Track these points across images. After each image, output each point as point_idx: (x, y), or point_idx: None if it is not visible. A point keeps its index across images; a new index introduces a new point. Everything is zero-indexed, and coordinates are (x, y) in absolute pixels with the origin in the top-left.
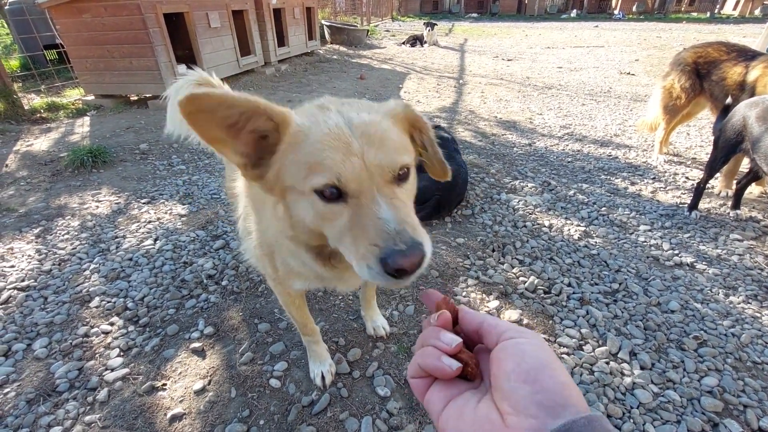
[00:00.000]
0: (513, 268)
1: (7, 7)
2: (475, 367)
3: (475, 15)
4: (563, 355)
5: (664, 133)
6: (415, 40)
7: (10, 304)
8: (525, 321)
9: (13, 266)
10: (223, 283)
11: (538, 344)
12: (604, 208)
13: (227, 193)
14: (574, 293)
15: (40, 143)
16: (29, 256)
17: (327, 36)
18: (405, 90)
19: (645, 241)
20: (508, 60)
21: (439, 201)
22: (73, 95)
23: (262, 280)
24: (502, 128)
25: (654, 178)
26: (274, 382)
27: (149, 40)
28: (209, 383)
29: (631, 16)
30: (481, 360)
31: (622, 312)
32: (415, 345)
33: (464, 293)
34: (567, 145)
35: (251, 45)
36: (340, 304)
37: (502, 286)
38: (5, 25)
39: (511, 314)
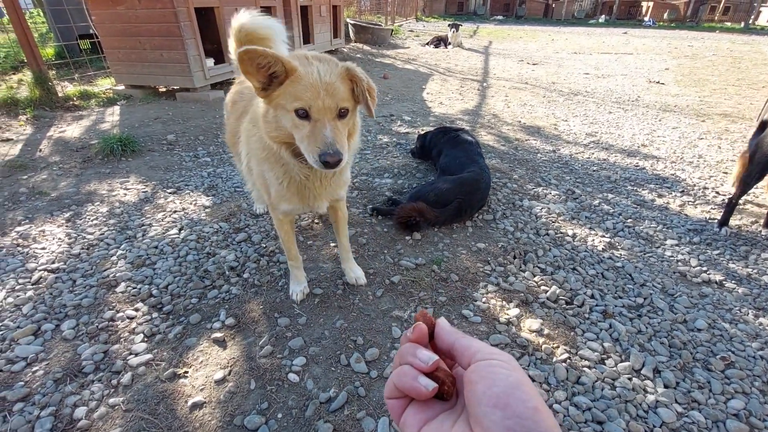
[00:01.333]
0: (534, 276)
1: None
2: (452, 385)
3: (500, 17)
4: (584, 369)
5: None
6: (439, 41)
7: (40, 285)
8: (546, 331)
9: (44, 248)
10: (245, 275)
11: (511, 367)
12: (629, 220)
13: (228, 145)
14: (597, 305)
15: (72, 130)
16: (59, 239)
17: (351, 34)
18: (428, 91)
19: (672, 256)
20: (533, 64)
21: (460, 204)
22: (104, 84)
23: (283, 275)
24: (525, 133)
25: (683, 192)
26: (292, 377)
27: (180, 33)
28: (229, 374)
29: (661, 23)
30: (456, 378)
31: (647, 327)
32: (393, 362)
33: (484, 299)
34: (593, 154)
35: None
36: (359, 303)
37: (522, 294)
38: (41, 14)
39: (532, 323)
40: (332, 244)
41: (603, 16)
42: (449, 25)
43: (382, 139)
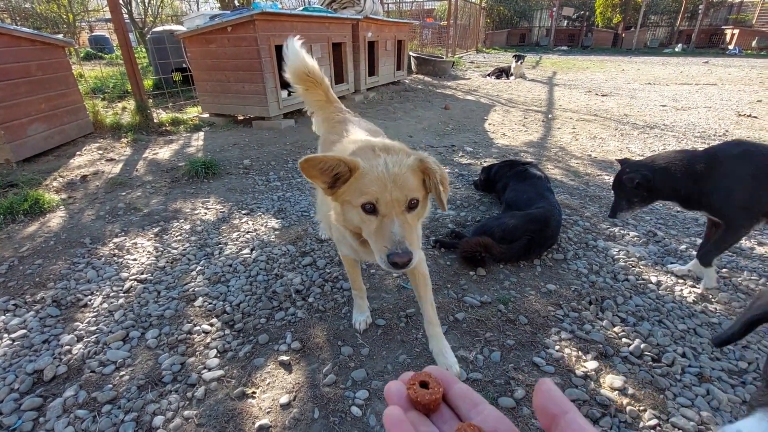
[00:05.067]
0: (614, 326)
1: (149, 36)
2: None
3: (564, 48)
4: None
5: None
6: (501, 73)
7: (130, 294)
8: (630, 390)
9: (135, 259)
10: (310, 299)
11: None
12: (724, 270)
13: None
14: (690, 366)
15: (163, 152)
16: (148, 251)
17: (413, 66)
18: (489, 122)
19: None
20: (603, 95)
21: (529, 241)
22: (192, 112)
23: (346, 302)
24: (597, 168)
25: None
26: (355, 410)
27: (261, 68)
28: (294, 399)
29: (749, 51)
30: None
31: None
32: None
33: (557, 347)
34: None
35: (345, 74)
36: (423, 339)
37: (601, 346)
38: (143, 50)
39: (614, 380)
40: (395, 275)
41: (680, 44)
42: (514, 56)
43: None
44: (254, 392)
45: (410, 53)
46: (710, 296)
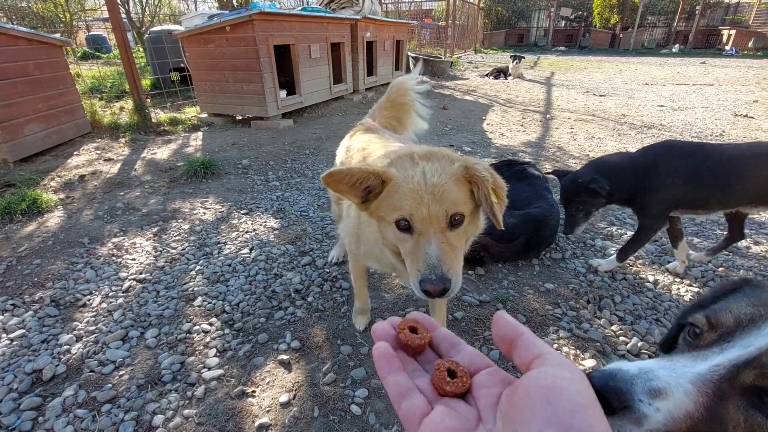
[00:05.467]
0: (612, 324)
1: (147, 36)
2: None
3: (562, 48)
4: None
5: None
6: (499, 73)
7: (129, 293)
8: None
9: (134, 259)
10: (309, 299)
11: (583, 385)
12: (720, 268)
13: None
14: None
15: (162, 152)
16: (147, 251)
17: (412, 67)
18: (488, 122)
19: None
20: (601, 95)
21: (528, 241)
22: (190, 112)
23: (345, 301)
24: None
25: None
26: (354, 409)
27: (259, 68)
28: (294, 398)
29: (745, 52)
30: (479, 389)
31: None
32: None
33: (555, 345)
34: None
35: (344, 74)
36: None
37: (599, 344)
38: (141, 50)
39: None
40: (393, 274)
41: (677, 45)
42: (511, 56)
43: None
44: (254, 391)
45: (409, 53)
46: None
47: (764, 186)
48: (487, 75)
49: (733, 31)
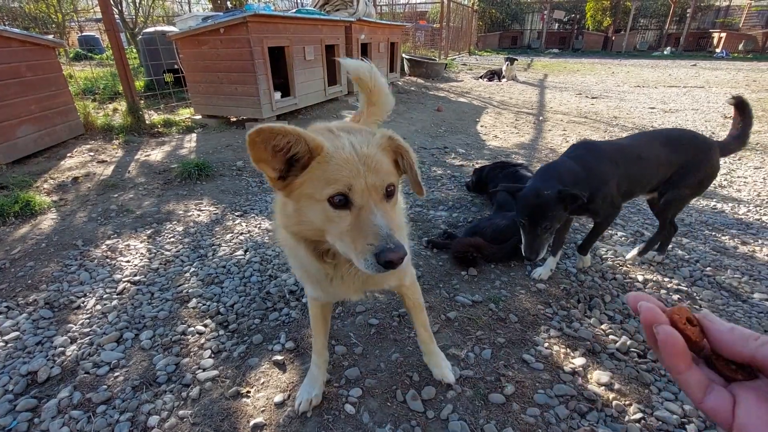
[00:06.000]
0: (601, 323)
1: (140, 37)
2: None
3: (555, 50)
4: None
5: None
6: (493, 75)
7: (124, 295)
8: (616, 385)
9: (128, 261)
10: (303, 300)
11: None
12: (708, 268)
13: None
14: None
15: (155, 154)
16: (141, 253)
17: (406, 68)
18: (482, 124)
19: (762, 312)
20: (593, 98)
21: (519, 242)
22: (184, 114)
23: (339, 303)
24: None
25: None
26: (348, 408)
27: (254, 69)
28: (288, 398)
29: (736, 54)
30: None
31: None
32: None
33: (546, 344)
34: None
35: (338, 76)
36: (415, 338)
37: (589, 343)
38: (134, 51)
39: (600, 376)
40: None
41: (668, 47)
42: (505, 58)
43: (437, 171)
44: (249, 391)
45: (403, 55)
46: (695, 294)
47: (659, 168)
48: (481, 77)
49: (723, 34)
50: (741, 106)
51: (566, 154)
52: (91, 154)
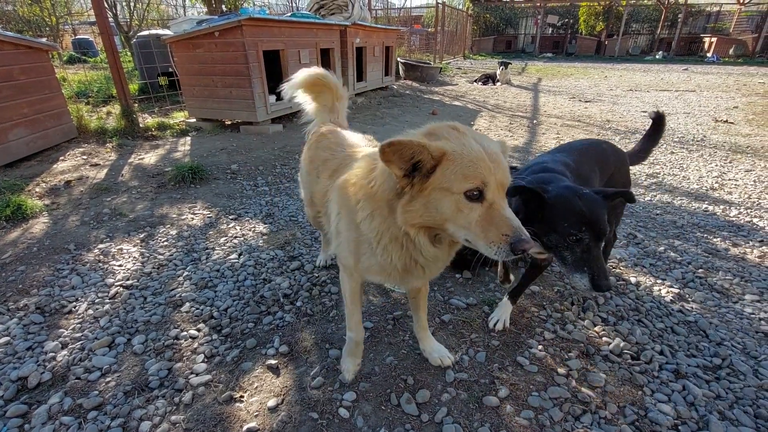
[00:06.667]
0: (595, 326)
1: (134, 40)
2: None
3: (549, 55)
4: None
5: None
6: (487, 79)
7: (116, 300)
8: (610, 387)
9: (121, 265)
10: (298, 303)
11: None
12: (701, 270)
13: (306, 202)
14: (667, 363)
15: (149, 157)
16: (134, 257)
17: (401, 72)
18: (476, 127)
19: (753, 314)
20: (586, 101)
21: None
22: (178, 117)
23: (334, 306)
24: None
25: (762, 241)
26: (343, 412)
27: (248, 73)
28: (282, 402)
29: (726, 59)
30: None
31: (727, 393)
32: None
33: (540, 347)
34: (655, 196)
35: None
36: (410, 341)
37: (582, 345)
38: (128, 54)
39: (594, 378)
40: (388, 286)
41: (660, 52)
42: (499, 62)
43: None
44: (242, 396)
45: (398, 59)
46: (687, 296)
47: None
48: (475, 81)
49: (714, 39)
50: (658, 122)
51: (527, 169)
52: (84, 157)
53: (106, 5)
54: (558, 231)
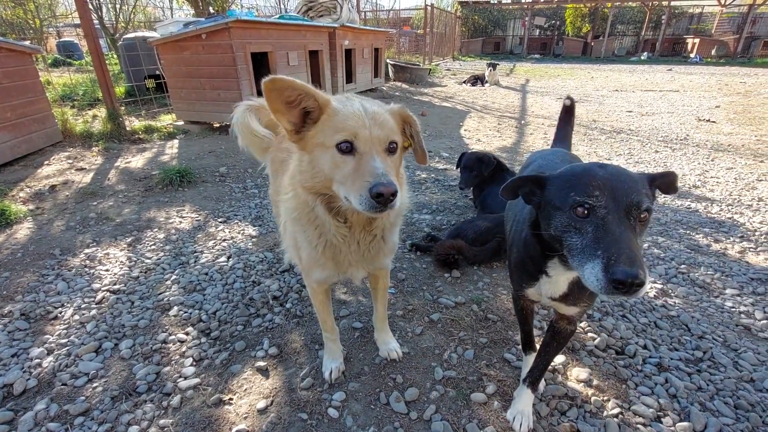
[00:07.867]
0: (581, 322)
1: (120, 43)
2: None
3: (537, 56)
4: (639, 426)
5: None
6: (476, 80)
7: (103, 305)
8: (595, 381)
9: (107, 270)
10: (287, 305)
11: None
12: (683, 266)
13: (272, 203)
14: (650, 357)
15: (136, 161)
16: (121, 262)
17: (391, 74)
18: (465, 128)
19: (733, 307)
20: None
21: (500, 243)
22: (166, 120)
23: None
24: None
25: (742, 237)
26: (332, 412)
27: (237, 75)
28: (271, 404)
29: (709, 59)
30: None
31: (708, 384)
32: None
33: None
34: None
35: (322, 81)
36: (399, 341)
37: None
38: (115, 57)
39: (579, 373)
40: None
41: (645, 53)
42: (488, 63)
43: (420, 175)
44: (231, 399)
45: (387, 61)
46: (670, 291)
47: None
48: (464, 82)
49: (697, 40)
50: (568, 110)
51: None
52: (70, 161)
53: (91, 7)
54: (562, 207)
